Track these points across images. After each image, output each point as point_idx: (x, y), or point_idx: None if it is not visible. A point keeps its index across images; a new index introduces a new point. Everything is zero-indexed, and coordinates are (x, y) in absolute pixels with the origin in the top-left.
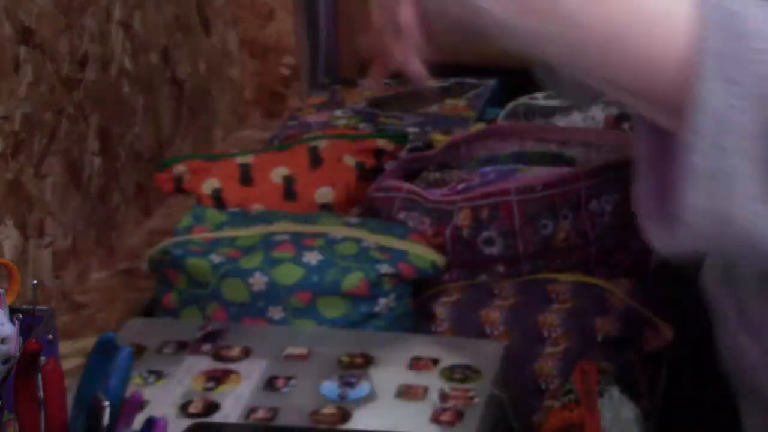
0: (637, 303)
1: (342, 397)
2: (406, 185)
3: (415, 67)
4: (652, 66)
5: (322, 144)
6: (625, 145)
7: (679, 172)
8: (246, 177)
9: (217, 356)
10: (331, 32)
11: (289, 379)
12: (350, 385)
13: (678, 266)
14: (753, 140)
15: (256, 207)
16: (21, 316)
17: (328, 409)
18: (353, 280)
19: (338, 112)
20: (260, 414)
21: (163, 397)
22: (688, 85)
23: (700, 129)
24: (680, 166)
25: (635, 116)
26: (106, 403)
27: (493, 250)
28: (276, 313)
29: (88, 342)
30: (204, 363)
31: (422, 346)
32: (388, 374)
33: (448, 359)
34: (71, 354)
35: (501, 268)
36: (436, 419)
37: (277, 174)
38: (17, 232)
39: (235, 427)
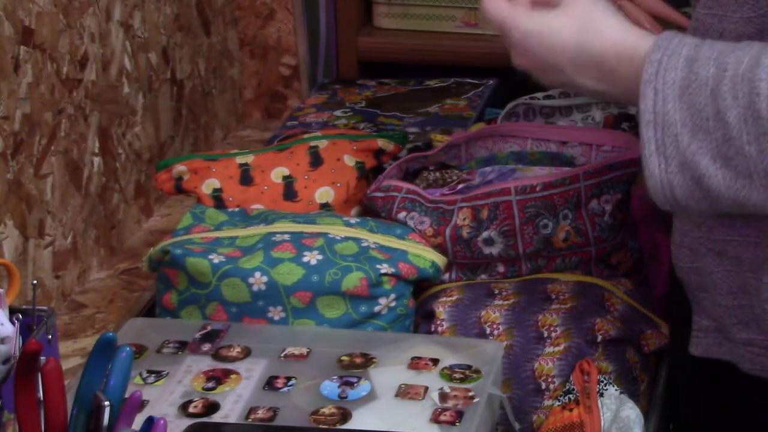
0: (637, 303)
1: (342, 397)
2: (406, 185)
3: None
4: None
5: (322, 144)
6: (625, 145)
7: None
8: (246, 177)
9: (217, 356)
10: (331, 32)
11: (289, 379)
12: (350, 385)
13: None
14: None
15: (256, 207)
16: (21, 316)
17: (328, 409)
18: (353, 280)
19: (338, 112)
20: (260, 414)
21: (163, 397)
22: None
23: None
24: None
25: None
26: (106, 402)
27: (493, 250)
28: (276, 313)
29: (88, 342)
30: (204, 363)
31: (422, 346)
32: (388, 374)
33: (448, 359)
34: (71, 354)
35: (501, 268)
36: (436, 419)
37: (277, 174)
38: (17, 232)
39: (235, 427)
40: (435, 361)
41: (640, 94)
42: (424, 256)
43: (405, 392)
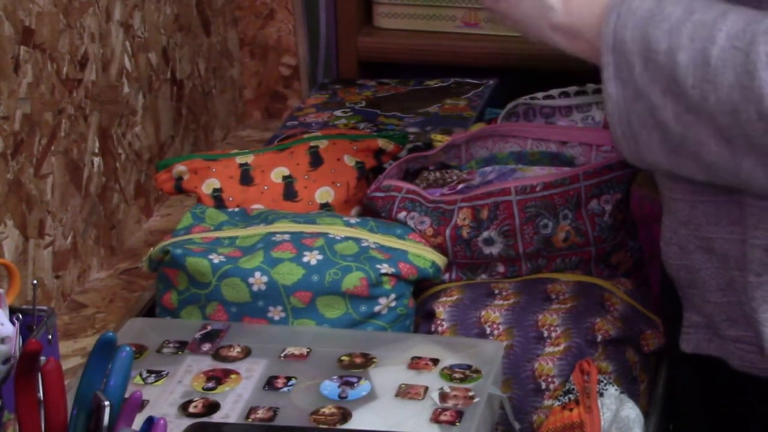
0: (637, 303)
1: (342, 397)
2: (406, 185)
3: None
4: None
5: (322, 144)
6: None
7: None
8: (246, 177)
9: (217, 356)
10: (331, 32)
11: (289, 379)
12: (350, 385)
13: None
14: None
15: (256, 207)
16: (21, 316)
17: (328, 409)
18: (353, 280)
19: (338, 112)
20: (260, 414)
21: (163, 397)
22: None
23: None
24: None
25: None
26: (107, 402)
27: (493, 250)
28: (276, 313)
29: (88, 342)
30: (204, 363)
31: (422, 346)
32: (388, 374)
33: (448, 359)
34: (71, 354)
35: (501, 268)
36: (436, 419)
37: (277, 174)
38: (17, 232)
39: (235, 427)
40: (435, 361)
41: (605, 18)
42: (424, 256)
43: (405, 392)
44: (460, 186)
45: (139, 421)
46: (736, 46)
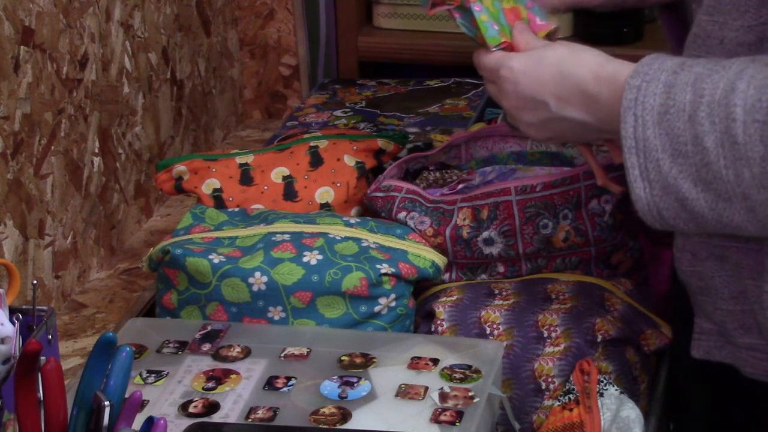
0: (637, 303)
1: (342, 397)
2: (406, 185)
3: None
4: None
5: (322, 144)
6: None
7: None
8: (246, 177)
9: (217, 356)
10: (331, 32)
11: (289, 379)
12: (350, 385)
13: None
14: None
15: (256, 207)
16: (21, 316)
17: (328, 409)
18: (353, 280)
19: (338, 112)
20: (260, 414)
21: (163, 397)
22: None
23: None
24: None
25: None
26: (107, 402)
27: (493, 250)
28: (276, 313)
29: (88, 342)
30: (204, 363)
31: (422, 346)
32: (388, 374)
33: (448, 359)
34: (71, 354)
35: (501, 268)
36: (436, 419)
37: (277, 174)
38: (17, 232)
39: (235, 427)
40: (435, 361)
41: (621, 120)
42: (424, 256)
43: (405, 392)
44: (460, 186)
45: (139, 421)
46: (757, 119)
